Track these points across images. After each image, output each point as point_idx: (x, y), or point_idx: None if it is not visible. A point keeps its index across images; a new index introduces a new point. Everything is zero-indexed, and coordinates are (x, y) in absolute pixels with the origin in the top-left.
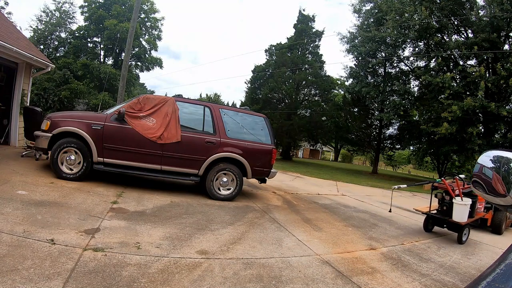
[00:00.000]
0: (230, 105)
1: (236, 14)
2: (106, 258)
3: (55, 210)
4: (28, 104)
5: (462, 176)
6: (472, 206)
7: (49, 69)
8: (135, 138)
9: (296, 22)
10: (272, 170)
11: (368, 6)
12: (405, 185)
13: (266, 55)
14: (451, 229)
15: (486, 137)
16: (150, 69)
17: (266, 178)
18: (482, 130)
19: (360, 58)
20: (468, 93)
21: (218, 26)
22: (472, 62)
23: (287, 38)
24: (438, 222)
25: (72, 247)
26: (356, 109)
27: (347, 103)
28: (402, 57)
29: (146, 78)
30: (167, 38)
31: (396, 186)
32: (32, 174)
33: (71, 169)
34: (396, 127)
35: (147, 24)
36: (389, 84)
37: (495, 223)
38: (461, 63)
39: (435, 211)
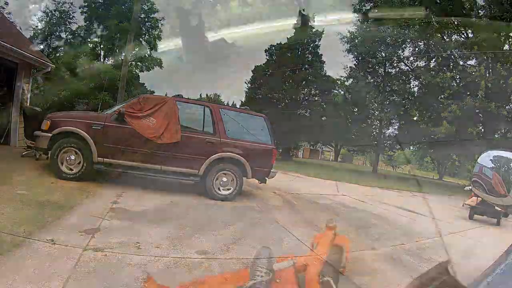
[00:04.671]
0: (230, 105)
1: None
2: (106, 258)
3: (55, 210)
4: (28, 104)
5: None
6: None
7: (49, 69)
8: (135, 138)
9: (296, 22)
10: (272, 170)
11: (368, 6)
12: None
13: (266, 55)
14: (490, 216)
15: (486, 137)
16: (150, 69)
17: (266, 178)
18: (482, 130)
19: (360, 58)
20: (468, 93)
21: None
22: (472, 62)
23: (287, 38)
24: (479, 211)
25: (72, 247)
26: (356, 109)
27: (347, 103)
28: (402, 57)
29: (146, 78)
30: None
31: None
32: (32, 174)
33: (71, 169)
34: (396, 127)
35: (147, 24)
36: (389, 84)
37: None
38: (461, 63)
39: (477, 204)
